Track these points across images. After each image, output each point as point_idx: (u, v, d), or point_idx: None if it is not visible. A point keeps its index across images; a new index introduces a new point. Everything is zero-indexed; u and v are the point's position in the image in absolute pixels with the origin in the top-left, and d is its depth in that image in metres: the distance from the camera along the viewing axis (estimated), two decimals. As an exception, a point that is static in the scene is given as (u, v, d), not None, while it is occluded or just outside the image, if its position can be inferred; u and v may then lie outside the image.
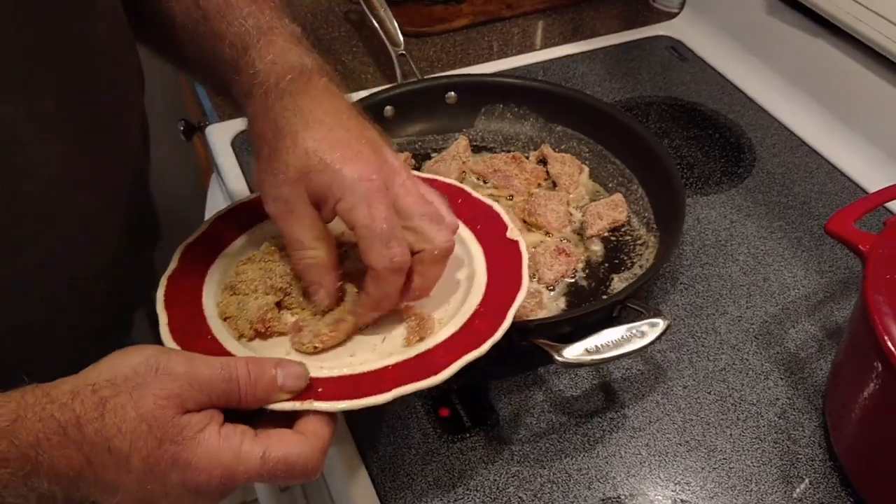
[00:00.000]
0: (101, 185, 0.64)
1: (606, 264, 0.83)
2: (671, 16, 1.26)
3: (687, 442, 0.70)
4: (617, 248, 0.85)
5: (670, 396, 0.74)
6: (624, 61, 1.17)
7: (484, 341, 0.58)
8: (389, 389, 0.55)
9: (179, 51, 0.70)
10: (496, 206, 0.71)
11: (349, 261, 0.65)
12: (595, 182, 0.92)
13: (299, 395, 0.54)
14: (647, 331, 0.67)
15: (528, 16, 1.27)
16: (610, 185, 0.92)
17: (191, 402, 0.49)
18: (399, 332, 0.63)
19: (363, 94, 0.98)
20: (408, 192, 0.59)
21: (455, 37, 1.22)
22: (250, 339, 0.62)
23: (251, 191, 0.93)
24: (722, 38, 1.18)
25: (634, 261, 0.83)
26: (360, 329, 0.63)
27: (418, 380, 0.56)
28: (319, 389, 0.55)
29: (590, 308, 0.77)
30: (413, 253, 0.59)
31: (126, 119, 0.69)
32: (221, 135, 1.01)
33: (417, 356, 0.59)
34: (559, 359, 0.64)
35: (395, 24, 1.09)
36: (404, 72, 1.06)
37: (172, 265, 0.66)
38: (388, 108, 0.96)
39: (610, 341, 0.66)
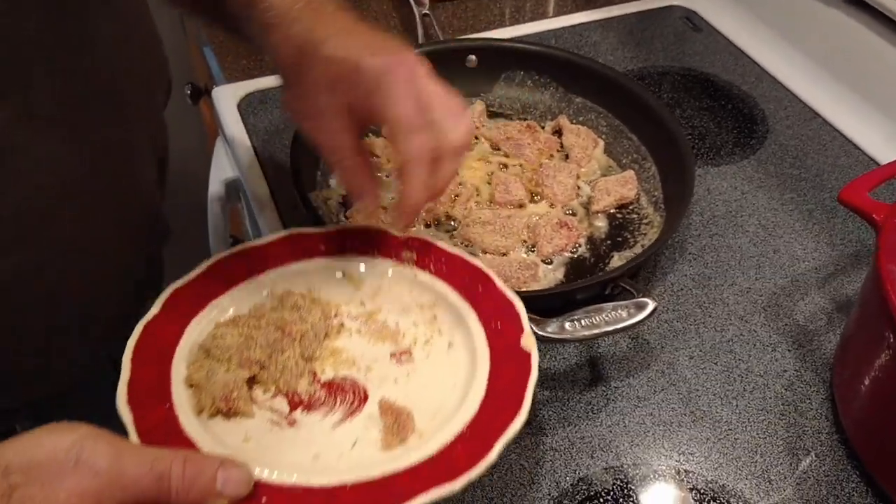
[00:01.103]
0: (97, 196, 0.62)
1: (609, 241, 0.82)
2: (686, -15, 1.24)
3: (692, 412, 0.70)
4: (622, 226, 0.83)
5: (676, 366, 0.73)
6: (637, 31, 1.15)
7: (459, 475, 0.52)
8: None
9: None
10: (518, 304, 0.62)
11: None
12: (609, 157, 0.91)
13: (241, 502, 0.49)
14: (634, 311, 0.66)
15: (540, -17, 1.25)
16: (624, 161, 0.90)
17: (109, 502, 0.45)
18: (373, 435, 0.57)
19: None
20: (428, 83, 0.60)
21: (467, 2, 1.20)
22: (211, 416, 0.56)
23: (256, 154, 0.92)
24: (736, 9, 1.16)
25: (637, 239, 0.81)
26: (331, 417, 0.58)
27: None
28: (264, 499, 0.50)
29: (579, 284, 0.75)
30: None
31: (134, 123, 0.66)
32: (228, 97, 0.99)
33: (382, 479, 0.52)
34: (537, 332, 0.63)
35: None
36: (428, 33, 1.05)
37: (154, 310, 0.60)
38: None
39: (593, 319, 0.65)
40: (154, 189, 0.70)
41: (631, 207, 0.85)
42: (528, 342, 0.59)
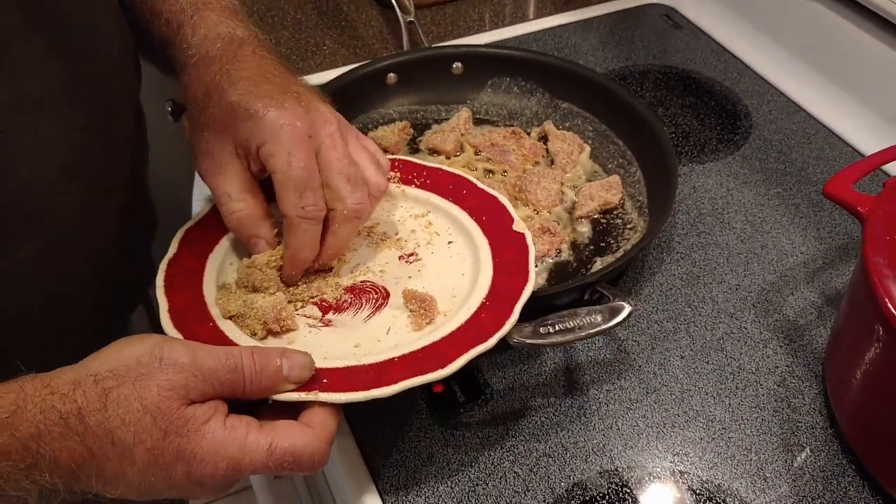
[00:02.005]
0: (93, 176, 0.63)
1: (592, 246, 0.81)
2: (665, -17, 1.24)
3: (685, 412, 0.69)
4: (605, 231, 0.83)
5: (667, 367, 0.73)
6: (618, 30, 1.15)
7: (490, 335, 0.58)
8: (396, 381, 0.55)
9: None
10: (501, 198, 0.71)
11: None
12: (595, 162, 0.90)
13: (304, 386, 0.53)
14: (609, 316, 0.66)
15: (519, -14, 1.25)
16: (609, 166, 0.90)
17: (195, 393, 0.49)
18: (402, 321, 0.63)
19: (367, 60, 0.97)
20: (333, 144, 0.59)
21: (445, 8, 1.19)
22: (262, 339, 0.61)
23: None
24: (716, 5, 1.16)
25: (620, 244, 0.81)
26: (339, 310, 0.63)
27: (425, 373, 0.56)
28: (325, 380, 0.54)
29: (555, 289, 0.75)
30: (327, 210, 0.61)
31: (119, 107, 0.67)
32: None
33: (423, 349, 0.58)
34: (510, 338, 0.63)
35: None
36: (412, 40, 1.04)
37: (172, 250, 0.65)
38: (390, 74, 0.95)
39: (567, 324, 0.65)
40: (140, 171, 0.72)
41: (615, 213, 0.84)
42: (520, 226, 0.68)
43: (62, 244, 0.61)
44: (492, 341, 0.58)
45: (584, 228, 0.83)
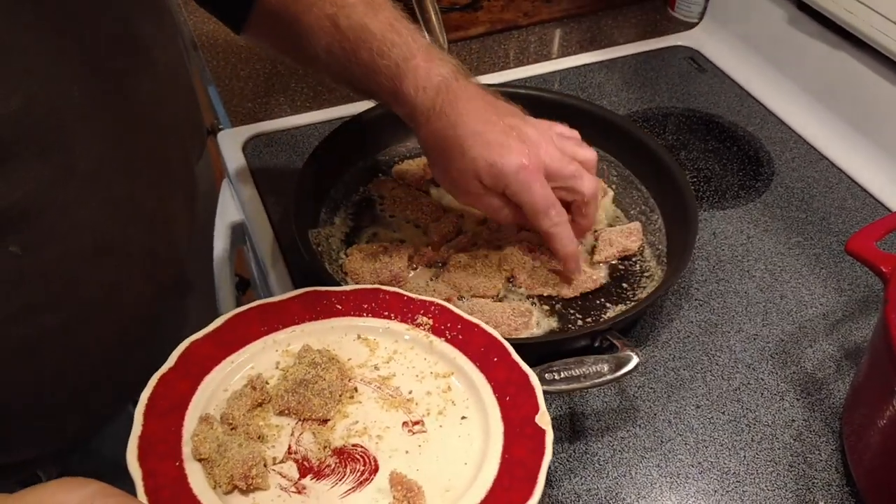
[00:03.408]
0: (130, 253, 0.62)
1: (606, 292, 0.81)
2: (690, 26, 1.25)
3: (699, 463, 0.69)
4: (622, 278, 0.82)
5: (683, 416, 0.72)
6: (642, 71, 1.16)
7: None
8: None
9: (314, 62, 0.77)
10: (533, 378, 0.62)
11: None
12: (617, 208, 0.91)
13: None
14: (616, 366, 0.66)
15: (545, 24, 1.26)
16: (632, 212, 0.90)
17: None
18: None
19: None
20: (552, 158, 0.73)
21: (472, 45, 1.20)
22: (226, 493, 0.55)
23: (261, 197, 0.92)
24: (742, 50, 1.16)
25: (636, 292, 0.81)
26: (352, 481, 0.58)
27: None
28: None
29: (566, 335, 0.75)
30: (571, 205, 0.76)
31: (170, 182, 0.67)
32: (232, 140, 1.00)
33: None
34: None
35: (443, 28, 1.07)
36: None
37: (168, 364, 0.60)
38: None
39: (573, 372, 0.65)
40: (184, 251, 0.70)
41: (634, 259, 0.84)
42: (544, 420, 0.59)
43: (91, 314, 0.60)
44: None
45: (602, 273, 0.82)
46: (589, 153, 0.77)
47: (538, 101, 0.97)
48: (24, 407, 0.59)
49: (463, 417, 0.61)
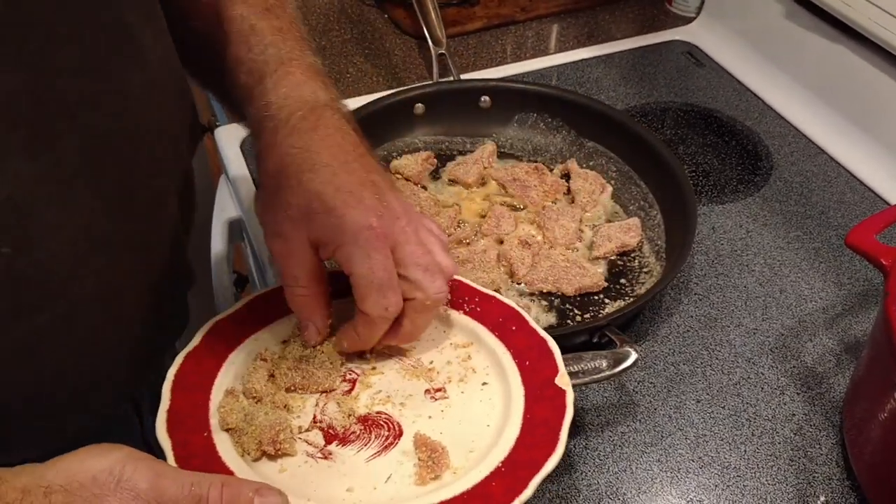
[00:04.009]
0: (126, 246, 0.60)
1: (605, 288, 0.81)
2: (688, 20, 1.24)
3: (700, 458, 0.69)
4: (621, 273, 0.82)
5: (683, 411, 0.72)
6: (639, 66, 1.15)
7: None
8: None
9: (200, 67, 0.70)
10: (551, 343, 0.62)
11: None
12: (616, 203, 0.90)
13: None
14: (614, 363, 0.66)
15: (542, 19, 1.26)
16: (631, 207, 0.90)
17: None
18: (407, 470, 0.56)
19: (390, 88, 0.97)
20: (407, 239, 0.59)
21: (468, 40, 1.20)
22: (255, 459, 0.56)
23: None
24: (739, 44, 1.16)
25: (635, 288, 0.81)
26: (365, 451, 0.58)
27: None
28: None
29: (564, 330, 0.75)
30: (405, 300, 0.59)
31: (159, 178, 0.64)
32: (230, 137, 0.99)
33: None
34: None
35: (442, 24, 1.07)
36: (443, 72, 1.04)
37: (194, 342, 0.62)
38: (418, 105, 0.96)
39: (571, 368, 0.65)
40: (181, 237, 0.69)
41: (633, 255, 0.84)
42: (563, 381, 0.60)
43: (87, 312, 0.59)
44: None
45: (600, 269, 0.82)
46: (450, 263, 0.62)
47: (536, 97, 0.97)
48: (24, 407, 0.58)
49: (484, 384, 0.62)
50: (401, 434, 0.59)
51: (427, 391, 0.62)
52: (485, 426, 0.59)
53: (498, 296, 0.67)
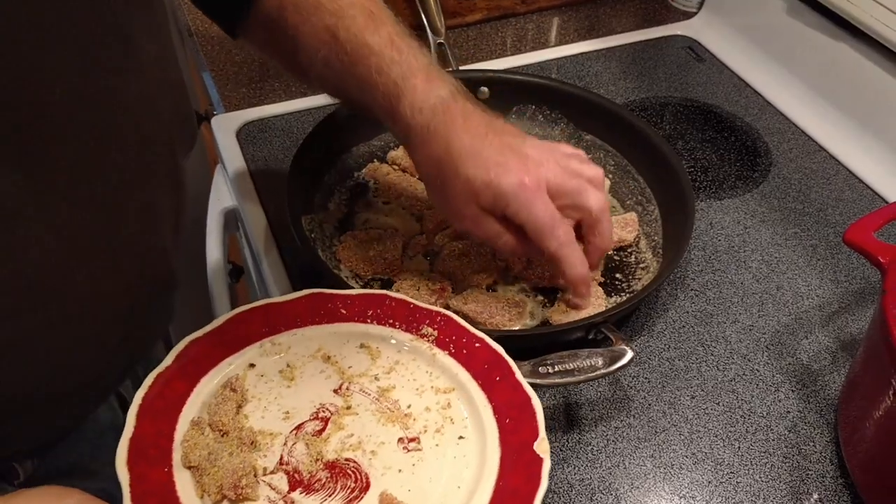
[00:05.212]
0: (115, 252, 0.60)
1: (601, 284, 0.80)
2: (689, 15, 1.24)
3: (693, 454, 0.68)
4: (617, 269, 0.82)
5: (677, 406, 0.72)
6: (640, 60, 1.15)
7: None
8: None
9: (308, 73, 0.75)
10: (535, 401, 0.60)
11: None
12: (614, 197, 0.90)
13: None
14: (609, 360, 0.66)
15: (543, 12, 1.25)
16: (628, 202, 0.89)
17: None
18: None
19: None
20: (555, 175, 0.68)
21: (468, 31, 1.19)
22: (215, 503, 0.54)
23: (255, 184, 0.91)
24: (740, 39, 1.15)
25: (631, 284, 0.80)
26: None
27: None
28: None
29: (560, 327, 0.74)
30: (578, 224, 0.71)
31: (149, 183, 0.63)
32: (227, 126, 0.99)
33: None
34: None
35: (441, 14, 1.06)
36: (442, 62, 1.03)
37: (165, 363, 0.59)
38: None
39: (567, 366, 0.65)
40: (171, 246, 0.69)
41: (630, 250, 0.84)
42: (542, 447, 0.57)
43: (73, 313, 0.58)
44: None
45: (595, 274, 0.81)
46: (594, 170, 0.72)
47: (535, 89, 0.96)
48: (10, 404, 0.58)
49: (460, 437, 0.60)
50: (367, 487, 0.56)
51: (400, 440, 0.60)
52: (455, 487, 0.57)
53: (486, 339, 0.65)
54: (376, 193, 0.89)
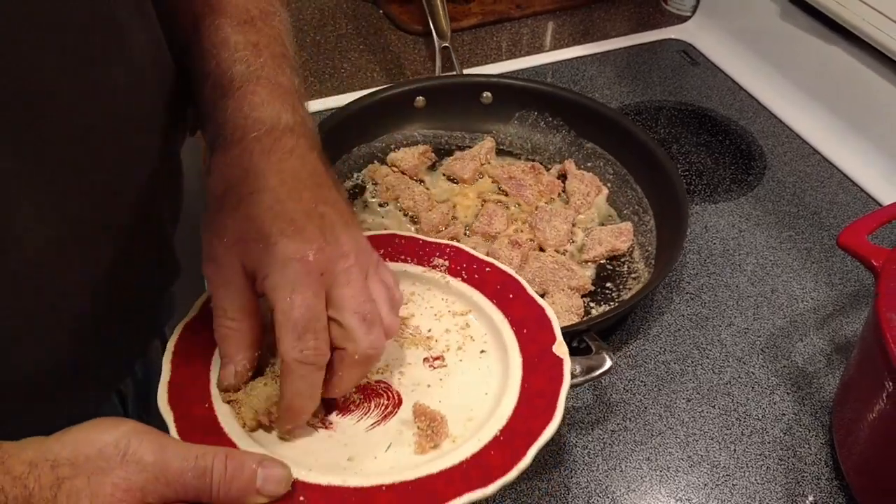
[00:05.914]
0: (110, 239, 0.59)
1: (591, 292, 0.80)
2: (683, 19, 1.24)
3: (689, 457, 0.69)
4: (608, 278, 0.82)
5: (673, 409, 0.72)
6: (634, 64, 1.15)
7: (493, 480, 0.52)
8: None
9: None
10: (549, 311, 0.62)
11: None
12: (611, 206, 0.90)
13: (278, 501, 0.49)
14: (587, 369, 0.66)
15: (537, 16, 1.25)
16: (625, 211, 0.89)
17: (153, 496, 0.46)
18: (406, 439, 0.56)
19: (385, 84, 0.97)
20: (349, 280, 0.53)
21: (463, 36, 1.20)
22: (252, 430, 0.55)
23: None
24: (734, 43, 1.16)
25: (621, 293, 0.80)
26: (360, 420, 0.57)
27: None
28: (301, 499, 0.50)
29: None
30: (334, 349, 0.53)
31: (145, 171, 0.62)
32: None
33: (416, 480, 0.52)
34: None
35: (448, 17, 1.06)
36: (445, 66, 1.03)
37: (192, 312, 0.61)
38: (419, 98, 0.96)
39: None
40: (167, 229, 0.68)
41: (623, 260, 0.84)
42: (560, 350, 0.60)
43: (72, 301, 0.58)
44: (491, 488, 0.51)
45: (589, 272, 0.82)
46: (393, 321, 0.56)
47: (538, 95, 0.97)
48: (7, 394, 0.58)
49: (482, 352, 0.63)
50: (400, 403, 0.59)
51: (426, 359, 0.62)
52: (483, 394, 0.59)
53: (496, 263, 0.68)
54: (374, 195, 0.89)
